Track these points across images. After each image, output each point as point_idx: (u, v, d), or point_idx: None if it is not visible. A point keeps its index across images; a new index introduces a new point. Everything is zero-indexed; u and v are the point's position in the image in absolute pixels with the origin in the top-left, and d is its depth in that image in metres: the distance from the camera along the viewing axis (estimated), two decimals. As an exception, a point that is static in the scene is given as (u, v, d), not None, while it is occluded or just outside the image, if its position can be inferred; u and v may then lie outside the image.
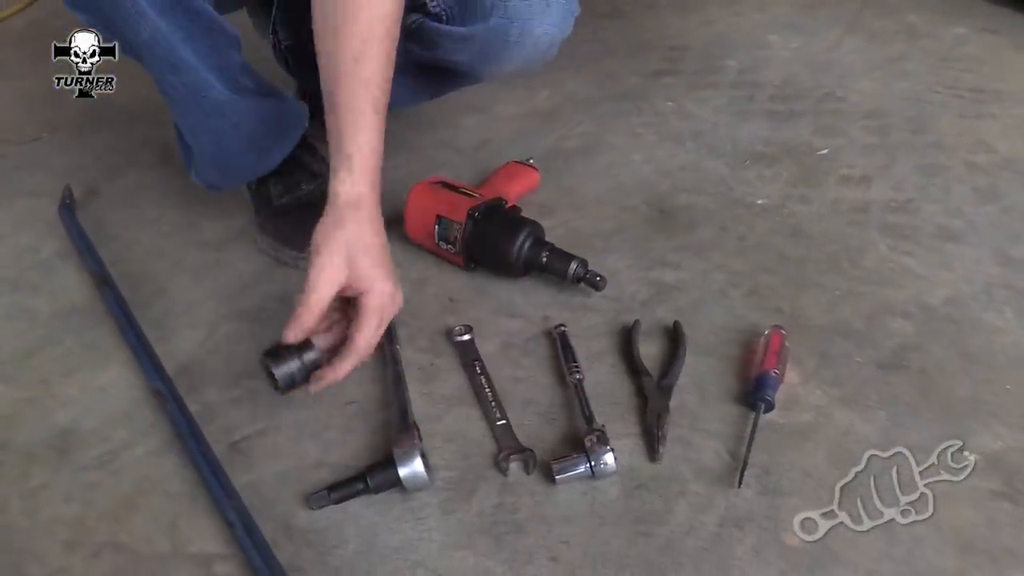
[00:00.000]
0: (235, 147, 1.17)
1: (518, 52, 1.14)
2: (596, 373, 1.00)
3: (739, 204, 1.30)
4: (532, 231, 1.12)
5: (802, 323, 1.06)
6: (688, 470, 0.88)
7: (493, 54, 1.14)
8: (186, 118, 1.14)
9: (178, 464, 0.93)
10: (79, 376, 1.07)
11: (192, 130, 1.16)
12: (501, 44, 1.12)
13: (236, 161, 1.21)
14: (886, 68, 1.72)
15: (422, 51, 1.19)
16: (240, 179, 1.27)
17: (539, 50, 1.15)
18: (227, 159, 1.20)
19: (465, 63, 1.19)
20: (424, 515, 0.85)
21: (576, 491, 0.86)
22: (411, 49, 1.18)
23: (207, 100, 1.09)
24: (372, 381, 1.02)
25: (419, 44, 1.17)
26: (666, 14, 2.05)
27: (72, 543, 0.86)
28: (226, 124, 1.13)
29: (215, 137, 1.15)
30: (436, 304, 1.14)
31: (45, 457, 0.96)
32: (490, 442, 0.92)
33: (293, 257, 1.21)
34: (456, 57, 1.18)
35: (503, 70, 1.19)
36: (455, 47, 1.15)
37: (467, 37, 1.13)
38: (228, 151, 1.18)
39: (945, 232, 1.21)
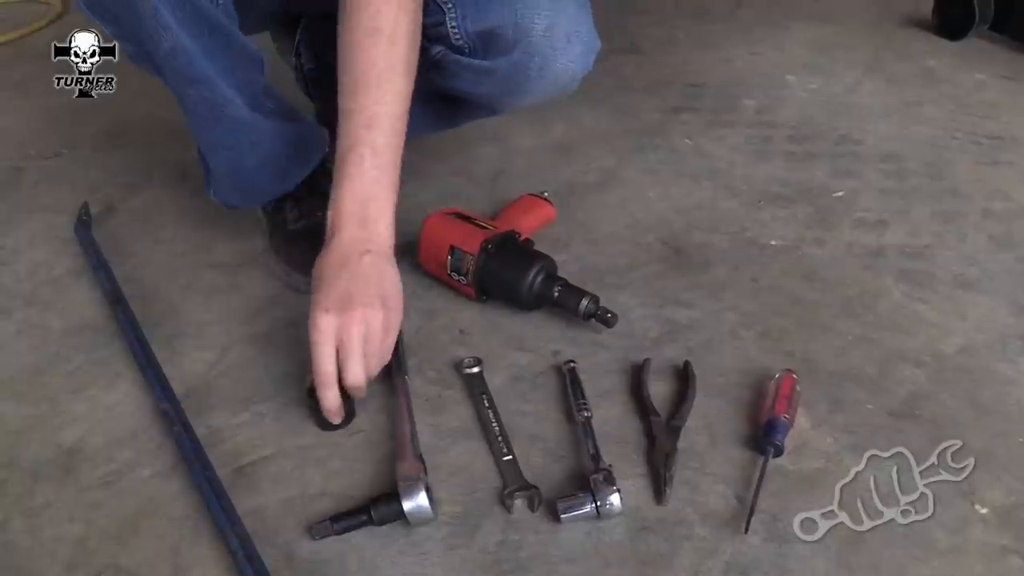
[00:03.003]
0: (252, 166, 1.18)
1: (539, 86, 1.15)
2: (604, 411, 0.99)
3: (753, 244, 1.30)
4: (545, 265, 1.12)
5: (814, 367, 1.05)
6: (694, 514, 0.87)
7: (514, 87, 1.15)
8: (204, 133, 1.14)
9: (183, 487, 0.92)
10: (87, 394, 1.07)
11: (210, 145, 1.16)
12: (523, 78, 1.13)
13: (252, 180, 1.21)
14: (904, 112, 1.72)
15: (443, 82, 1.20)
16: (256, 199, 1.28)
17: (559, 85, 1.16)
18: (244, 177, 1.20)
19: (485, 95, 1.20)
20: (427, 549, 0.84)
21: (581, 531, 0.85)
22: (432, 79, 1.18)
23: (226, 116, 1.09)
24: (379, 411, 1.01)
25: (441, 75, 1.18)
26: (684, 51, 2.06)
27: (73, 564, 0.85)
28: (244, 142, 1.14)
29: (233, 154, 1.15)
30: (446, 335, 1.13)
31: (50, 475, 0.96)
32: (496, 477, 0.92)
33: (305, 283, 1.21)
34: (477, 89, 1.19)
35: (523, 103, 1.20)
36: (477, 79, 1.16)
37: (489, 70, 1.14)
38: (245, 169, 1.18)
39: (960, 280, 1.21)
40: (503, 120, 1.70)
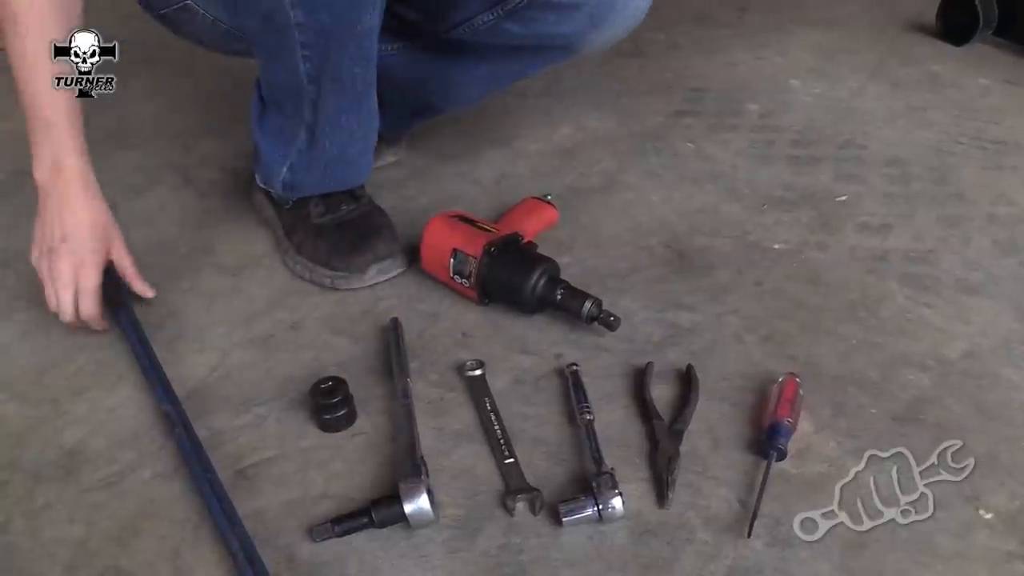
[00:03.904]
0: (356, 152, 1.23)
1: (622, 16, 1.24)
2: (607, 414, 0.99)
3: (756, 248, 1.30)
4: (547, 268, 1.12)
5: (817, 371, 1.05)
6: (697, 517, 0.86)
7: (600, 21, 1.23)
8: (342, 113, 1.15)
9: (184, 489, 0.92)
10: (89, 395, 1.07)
11: (335, 126, 1.16)
12: (608, 9, 1.21)
13: (346, 167, 1.24)
14: (908, 117, 1.71)
15: (521, 29, 1.22)
16: (330, 188, 1.27)
17: (637, 15, 1.26)
18: (342, 164, 1.23)
19: (566, 35, 1.25)
20: (428, 552, 0.84)
21: (583, 534, 0.85)
22: (508, 29, 1.21)
23: (368, 100, 1.16)
24: (380, 413, 1.01)
25: (519, 22, 1.20)
26: (688, 55, 2.06)
27: (73, 566, 0.85)
28: (366, 127, 1.20)
29: (350, 139, 1.19)
30: (449, 338, 1.13)
31: (51, 476, 0.95)
32: (497, 480, 0.91)
33: (329, 277, 1.22)
34: (558, 29, 1.23)
35: (603, 37, 1.27)
36: (560, 19, 1.21)
37: (577, 5, 1.19)
38: (349, 155, 1.22)
39: (964, 284, 1.20)
40: (507, 124, 1.70)
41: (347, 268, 1.21)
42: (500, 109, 1.74)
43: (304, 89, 1.10)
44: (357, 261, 1.21)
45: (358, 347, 1.12)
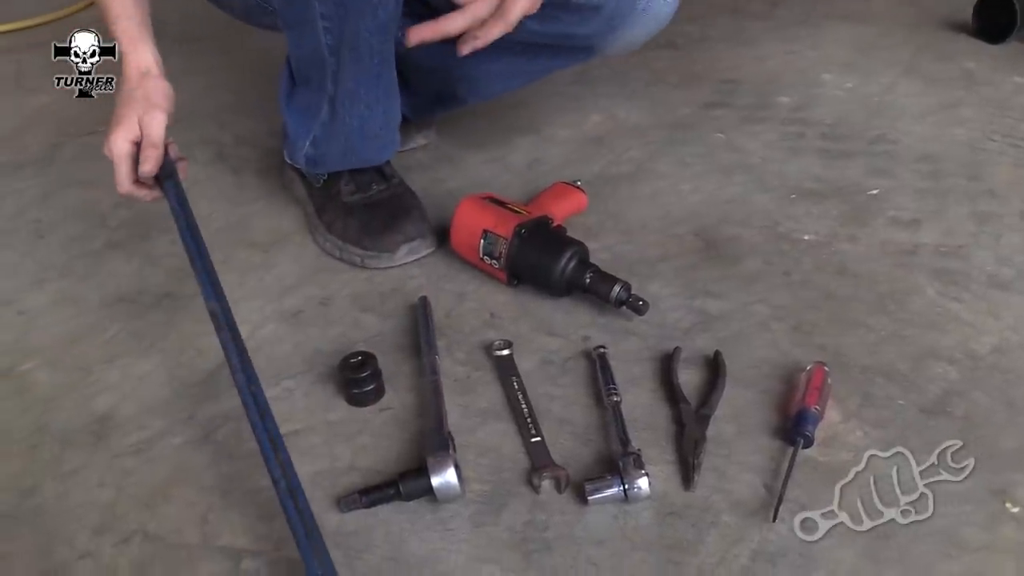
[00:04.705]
0: (377, 127, 1.23)
1: (642, 20, 1.22)
2: (634, 397, 0.99)
3: (786, 239, 1.29)
4: (577, 251, 1.12)
5: (845, 362, 1.04)
6: (722, 501, 0.87)
7: (619, 23, 1.22)
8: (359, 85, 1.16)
9: (214, 456, 0.93)
10: (121, 363, 1.08)
11: (354, 98, 1.17)
12: (628, 11, 1.20)
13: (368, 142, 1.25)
14: (941, 113, 1.70)
15: (542, 28, 1.22)
16: (354, 163, 1.29)
17: (659, 19, 1.24)
18: (363, 138, 1.23)
19: (586, 35, 1.25)
20: (454, 526, 0.85)
21: (608, 513, 0.85)
22: (530, 27, 1.20)
23: (387, 73, 1.17)
24: (408, 390, 1.02)
25: (539, 20, 1.19)
26: (719, 48, 2.05)
27: (102, 528, 0.86)
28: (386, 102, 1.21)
29: (370, 112, 1.20)
30: (476, 318, 1.14)
31: (81, 442, 0.97)
32: (523, 458, 0.92)
33: (359, 255, 1.23)
34: (578, 30, 1.23)
35: (623, 40, 1.26)
36: (581, 19, 1.21)
37: (597, 7, 1.19)
38: (369, 129, 1.22)
39: (995, 280, 1.19)
40: (538, 111, 1.70)
41: (377, 247, 1.22)
42: (530, 97, 1.74)
43: (326, 61, 1.12)
44: (387, 241, 1.22)
45: (386, 324, 1.13)
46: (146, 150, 1.07)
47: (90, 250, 1.32)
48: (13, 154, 1.64)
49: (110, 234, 1.36)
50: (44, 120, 1.78)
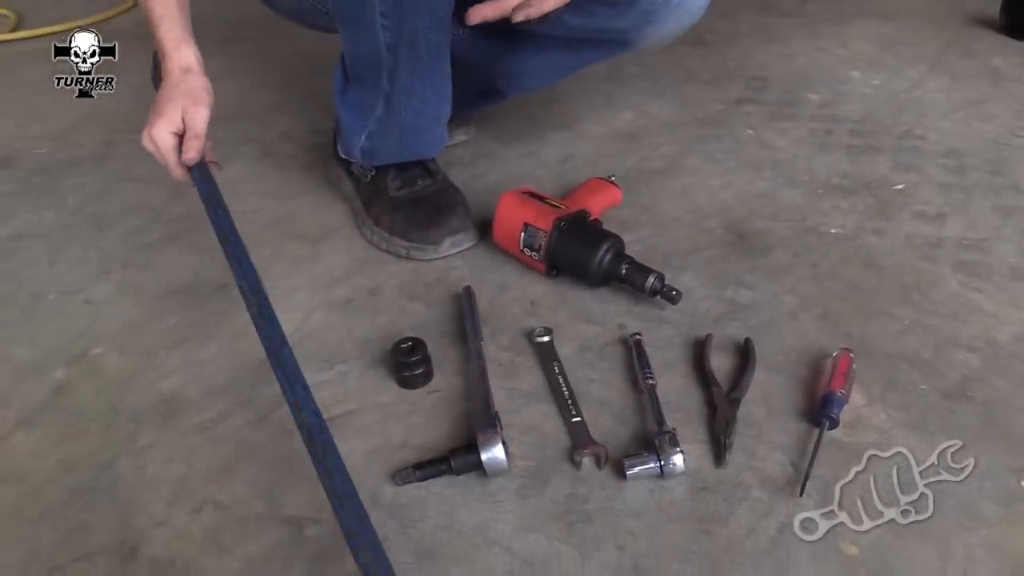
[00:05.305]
0: (429, 121, 1.30)
1: (677, 13, 1.27)
2: (668, 381, 1.05)
3: (813, 232, 1.34)
4: (614, 244, 1.18)
5: (870, 349, 1.09)
6: (752, 477, 0.92)
7: (654, 17, 1.27)
8: (415, 78, 1.22)
9: (272, 435, 1.00)
10: (183, 349, 1.15)
11: (410, 92, 1.24)
12: (663, 5, 1.25)
13: (422, 135, 1.32)
14: (968, 109, 1.74)
15: (579, 22, 1.28)
16: (407, 156, 1.35)
17: (692, 13, 1.29)
18: (417, 132, 1.30)
19: (622, 29, 1.29)
20: (501, 498, 0.91)
21: (644, 488, 0.91)
22: (567, 21, 1.27)
23: (441, 67, 1.23)
24: (455, 374, 1.08)
25: (578, 15, 1.26)
26: (749, 45, 2.10)
27: (175, 499, 0.93)
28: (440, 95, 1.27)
29: (423, 107, 1.26)
30: (518, 307, 1.20)
31: (151, 421, 1.04)
32: (565, 437, 0.98)
33: (405, 248, 1.29)
34: (614, 24, 1.28)
35: (658, 33, 1.31)
36: (617, 12, 1.26)
37: (632, 2, 1.24)
38: (423, 123, 1.29)
39: (1017, 272, 1.23)
40: (572, 107, 1.76)
41: (423, 240, 1.28)
42: (563, 94, 1.80)
43: (383, 58, 1.18)
44: (432, 234, 1.28)
45: (432, 313, 1.19)
46: (190, 141, 1.14)
47: (148, 243, 1.39)
48: (69, 151, 1.72)
49: (166, 228, 1.43)
50: (95, 118, 1.85)
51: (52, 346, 1.16)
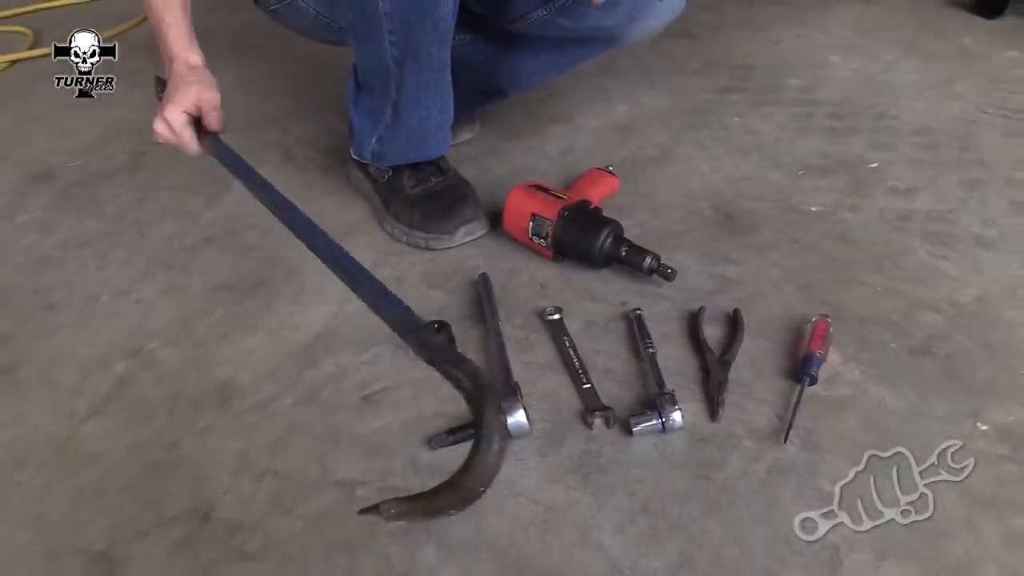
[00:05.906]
0: (433, 126, 1.41)
1: (658, 11, 1.42)
2: (666, 350, 1.17)
3: (795, 211, 1.47)
4: (613, 229, 1.30)
5: (845, 314, 1.22)
6: (742, 429, 1.05)
7: (638, 14, 1.42)
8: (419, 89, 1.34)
9: (321, 412, 1.12)
10: (231, 340, 1.27)
11: (414, 101, 1.35)
12: (646, 4, 1.40)
13: (427, 139, 1.43)
14: (939, 88, 1.86)
15: (569, 23, 1.42)
16: (413, 158, 1.47)
17: (674, 8, 1.44)
18: (422, 136, 1.42)
19: (610, 27, 1.44)
20: (524, 457, 1.04)
21: (649, 442, 1.04)
22: (559, 23, 1.41)
23: (444, 77, 1.35)
24: (477, 351, 1.21)
25: (568, 17, 1.41)
26: (734, 35, 2.22)
27: (238, 470, 1.05)
28: (442, 102, 1.38)
29: (426, 113, 1.38)
30: (529, 290, 1.32)
31: (209, 405, 1.16)
32: (577, 402, 1.11)
33: (423, 239, 1.43)
34: (604, 23, 1.42)
35: (645, 28, 1.46)
36: (604, 13, 1.39)
37: (618, 1, 1.38)
38: (427, 128, 1.41)
39: (980, 240, 1.36)
40: (569, 102, 1.88)
41: (439, 230, 1.41)
42: (561, 90, 1.92)
43: (391, 70, 1.30)
44: (447, 224, 1.41)
45: (451, 298, 1.32)
46: (210, 114, 1.25)
47: (187, 245, 1.51)
48: (103, 162, 1.83)
49: (201, 231, 1.55)
50: (124, 130, 1.97)
51: (111, 343, 1.29)
